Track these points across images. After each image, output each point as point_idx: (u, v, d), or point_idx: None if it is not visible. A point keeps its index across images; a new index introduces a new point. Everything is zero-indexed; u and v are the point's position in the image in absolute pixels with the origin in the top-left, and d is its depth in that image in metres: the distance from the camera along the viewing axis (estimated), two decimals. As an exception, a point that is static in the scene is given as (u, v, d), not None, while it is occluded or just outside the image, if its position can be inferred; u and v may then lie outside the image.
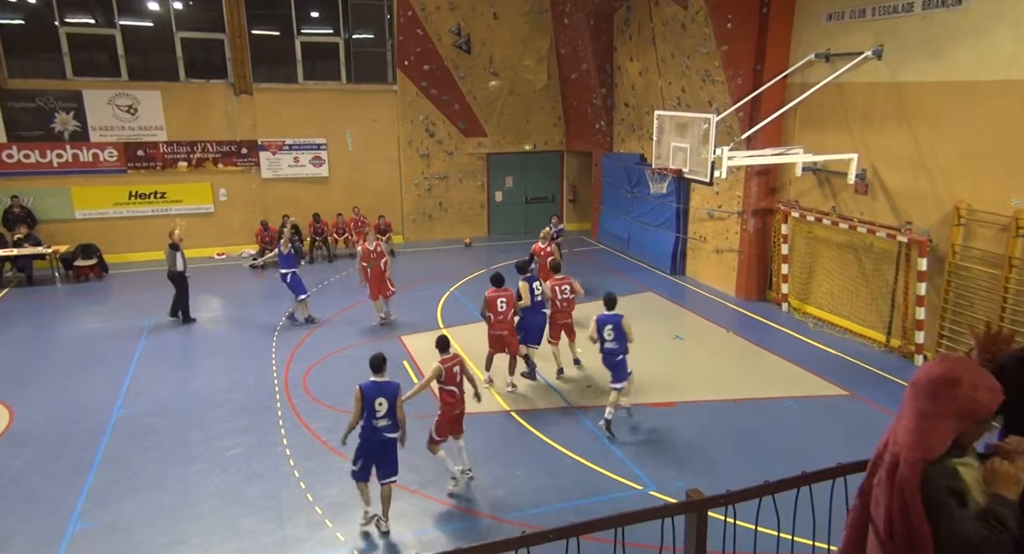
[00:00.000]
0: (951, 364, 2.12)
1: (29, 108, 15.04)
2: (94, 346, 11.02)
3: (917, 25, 9.88)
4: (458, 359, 7.04)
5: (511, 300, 9.18)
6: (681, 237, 15.16)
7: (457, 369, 7.00)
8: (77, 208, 15.76)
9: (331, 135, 17.32)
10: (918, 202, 10.14)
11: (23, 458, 7.71)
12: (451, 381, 6.99)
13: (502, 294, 9.20)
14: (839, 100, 11.23)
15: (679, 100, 14.45)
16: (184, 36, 15.92)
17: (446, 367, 6.94)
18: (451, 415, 7.05)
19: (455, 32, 17.44)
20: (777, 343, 11.21)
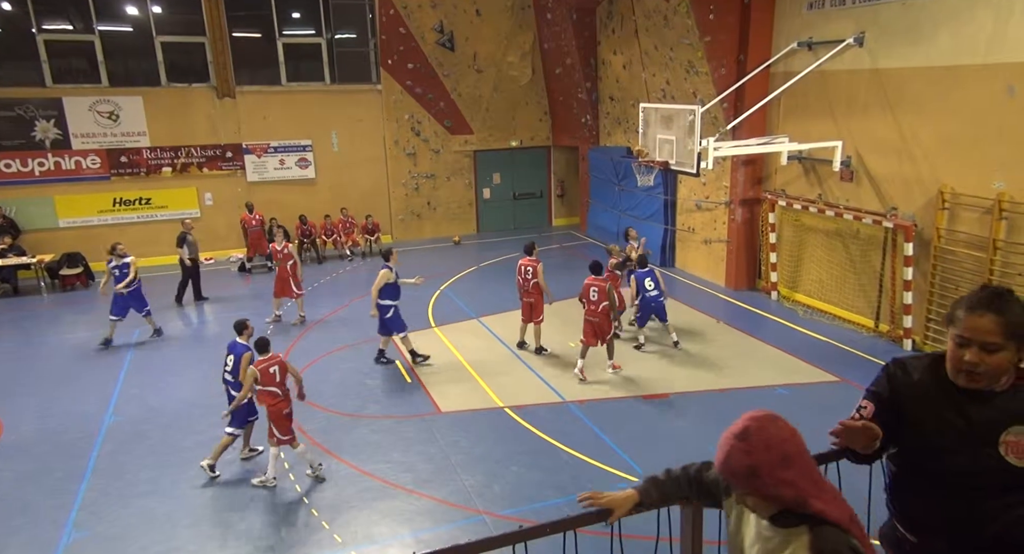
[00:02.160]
0: (749, 447, 1.84)
1: (9, 117, 14.85)
2: (83, 355, 10.92)
3: (897, 11, 9.94)
4: (276, 359, 7.10)
5: (603, 290, 9.34)
6: (670, 229, 15.20)
7: (275, 369, 7.05)
8: (61, 216, 15.59)
9: (316, 136, 17.23)
10: (903, 187, 10.22)
11: (14, 470, 7.63)
12: (270, 382, 7.03)
13: (596, 283, 9.37)
14: (822, 88, 11.29)
15: (664, 92, 14.48)
16: (164, 40, 15.76)
17: (261, 369, 6.99)
18: (280, 415, 7.05)
19: (438, 30, 17.38)
20: (767, 332, 11.28)
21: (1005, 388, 2.22)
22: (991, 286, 2.25)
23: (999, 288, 2.23)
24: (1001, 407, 2.20)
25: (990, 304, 2.16)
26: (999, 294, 2.19)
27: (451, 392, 9.25)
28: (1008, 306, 2.15)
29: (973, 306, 2.19)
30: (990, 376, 2.19)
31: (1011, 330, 2.14)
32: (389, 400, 9.09)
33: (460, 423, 8.44)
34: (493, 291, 13.80)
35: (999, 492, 2.20)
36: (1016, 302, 2.17)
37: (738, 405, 8.73)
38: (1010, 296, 2.19)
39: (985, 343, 2.15)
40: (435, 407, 8.81)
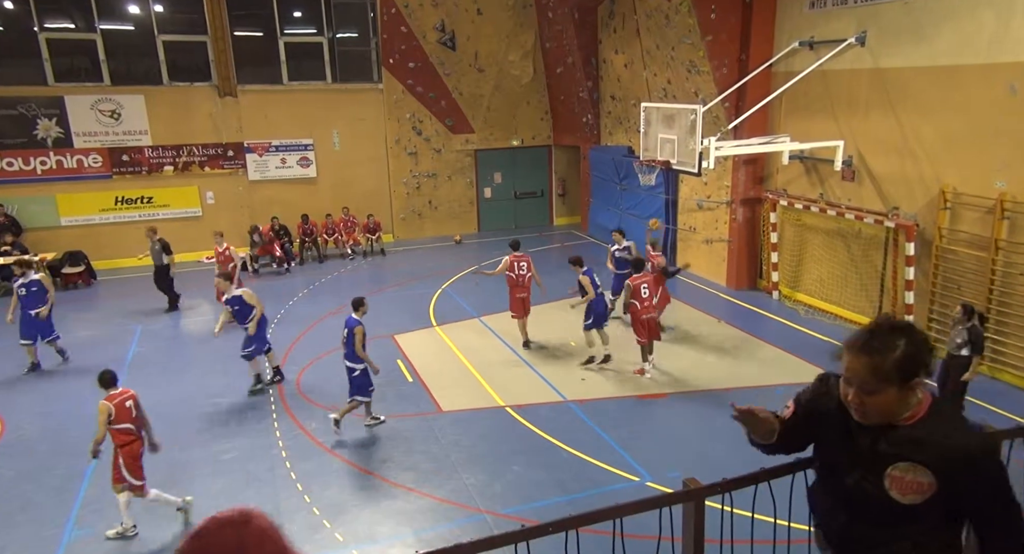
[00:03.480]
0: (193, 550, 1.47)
1: (11, 115, 14.86)
2: (84, 353, 10.93)
3: (899, 10, 9.93)
4: (129, 393, 6.41)
5: (652, 284, 9.39)
6: (671, 228, 15.19)
7: (130, 403, 6.36)
8: (63, 215, 15.61)
9: (318, 135, 17.23)
10: (904, 187, 10.21)
11: (16, 468, 7.65)
12: (125, 418, 6.29)
13: (644, 279, 9.35)
14: (824, 87, 11.28)
15: (665, 91, 14.47)
16: (166, 39, 15.76)
17: (116, 403, 6.27)
18: (133, 456, 6.33)
19: (439, 29, 17.37)
20: (768, 331, 11.27)
21: (908, 422, 2.09)
22: (881, 320, 2.10)
23: (886, 323, 2.07)
24: (894, 441, 2.09)
25: (866, 345, 2.04)
26: (879, 333, 2.04)
27: (452, 391, 9.26)
28: (886, 346, 2.00)
29: (850, 345, 2.08)
30: (875, 415, 2.09)
31: (886, 374, 2.00)
32: (390, 399, 9.09)
33: (461, 422, 8.45)
34: (494, 290, 13.79)
35: (889, 520, 2.15)
36: (900, 339, 2.01)
37: (738, 403, 8.73)
38: (891, 334, 2.03)
39: (861, 385, 2.05)
40: (436, 406, 8.82)
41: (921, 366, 2.04)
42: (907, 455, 2.06)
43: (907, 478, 2.06)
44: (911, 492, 2.07)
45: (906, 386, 2.03)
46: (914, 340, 2.03)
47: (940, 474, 2.03)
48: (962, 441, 2.04)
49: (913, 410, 2.08)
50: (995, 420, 7.88)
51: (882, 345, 2.02)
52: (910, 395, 2.06)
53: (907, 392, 2.05)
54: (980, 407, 8.32)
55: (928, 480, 2.04)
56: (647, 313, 9.38)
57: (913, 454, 2.05)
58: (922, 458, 2.04)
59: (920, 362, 2.03)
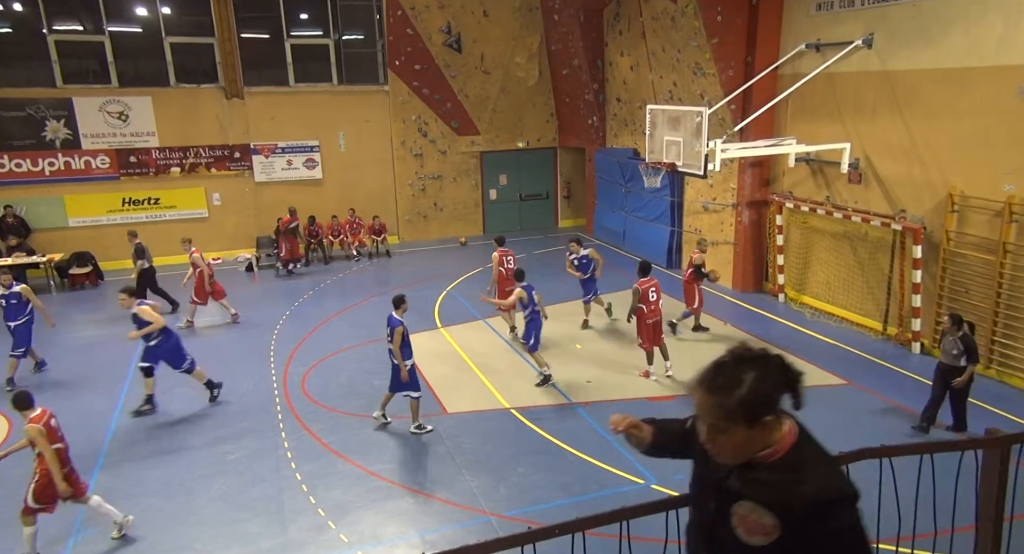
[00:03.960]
0: None
1: (19, 117, 14.95)
2: (91, 353, 10.98)
3: (907, 13, 9.90)
4: (48, 412, 6.11)
5: (659, 288, 9.37)
6: (676, 231, 15.18)
7: (55, 421, 6.12)
8: (70, 216, 15.69)
9: (324, 137, 17.28)
10: (912, 190, 10.17)
11: (24, 467, 7.65)
12: (55, 437, 6.03)
13: (651, 283, 9.33)
14: (830, 90, 11.25)
15: (671, 94, 14.46)
16: (173, 41, 15.84)
17: (44, 423, 5.95)
18: (49, 481, 5.95)
19: (445, 31, 17.40)
20: (775, 334, 11.24)
21: (765, 460, 1.91)
22: (731, 352, 1.91)
23: (734, 356, 1.89)
24: (744, 478, 1.93)
25: (710, 382, 1.88)
26: (725, 369, 1.88)
27: (457, 393, 9.26)
28: (731, 383, 1.84)
29: (697, 383, 1.92)
30: (727, 455, 1.94)
31: (731, 412, 1.84)
32: (396, 401, 9.08)
33: (466, 424, 8.45)
34: (499, 292, 13.80)
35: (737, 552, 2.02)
36: (748, 373, 1.84)
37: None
38: (738, 368, 1.86)
39: (710, 424, 1.90)
40: (441, 408, 8.82)
41: (772, 402, 1.86)
42: (752, 495, 1.90)
43: (751, 518, 1.91)
44: (756, 533, 1.91)
45: (757, 424, 1.85)
46: (764, 374, 1.85)
47: (784, 518, 1.86)
48: (812, 486, 1.85)
49: (774, 447, 1.90)
50: (1003, 424, 7.84)
51: (727, 382, 1.85)
52: (764, 433, 1.88)
53: (760, 430, 1.87)
54: (989, 412, 8.28)
55: (771, 522, 1.87)
56: (652, 317, 9.35)
57: (758, 494, 1.89)
58: (766, 500, 1.88)
59: (769, 398, 1.86)
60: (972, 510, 3.10)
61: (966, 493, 3.26)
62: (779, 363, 1.90)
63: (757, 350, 1.91)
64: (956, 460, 3.01)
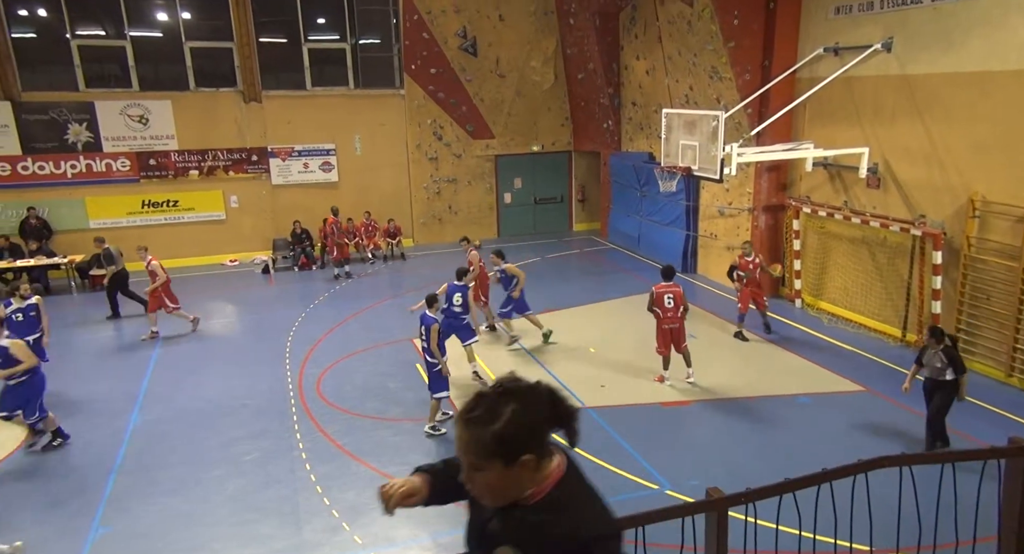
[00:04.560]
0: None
1: (43, 120, 15.22)
2: (111, 354, 11.13)
3: (927, 16, 9.80)
4: None
5: (679, 297, 9.22)
6: (691, 235, 15.10)
7: None
8: (91, 218, 15.92)
9: (340, 140, 17.41)
10: (932, 195, 10.04)
11: (46, 465, 7.80)
12: None
13: (670, 290, 9.23)
14: (849, 94, 11.16)
15: (687, 98, 14.40)
16: (193, 46, 16.06)
17: None
18: None
19: (461, 35, 17.48)
20: (791, 339, 11.14)
21: (529, 501, 1.74)
22: (499, 383, 1.74)
23: (499, 387, 1.72)
24: (506, 521, 1.77)
25: (468, 415, 1.70)
26: (486, 400, 1.70)
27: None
28: (490, 416, 1.66)
29: (457, 415, 1.74)
30: (487, 496, 1.77)
31: (486, 449, 1.66)
32: (410, 403, 9.12)
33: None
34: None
35: None
36: (509, 407, 1.66)
37: (759, 413, 8.65)
38: (500, 401, 1.68)
39: (468, 461, 1.72)
40: (455, 410, 8.82)
41: (534, 439, 1.68)
42: (511, 538, 1.75)
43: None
44: None
45: (516, 463, 1.66)
46: (527, 408, 1.67)
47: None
48: (571, 526, 1.71)
49: (538, 487, 1.73)
50: (1021, 431, 7.71)
51: (484, 415, 1.66)
52: (525, 473, 1.69)
53: (521, 470, 1.68)
54: (1011, 420, 8.15)
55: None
56: (669, 323, 9.27)
57: (517, 537, 1.73)
58: (525, 542, 1.72)
59: (531, 435, 1.67)
60: (994, 520, 3.05)
61: (989, 503, 3.21)
62: (548, 396, 1.72)
63: (524, 381, 1.73)
64: (978, 469, 2.96)
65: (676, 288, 9.31)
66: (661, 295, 9.26)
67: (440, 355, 8.15)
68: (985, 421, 8.21)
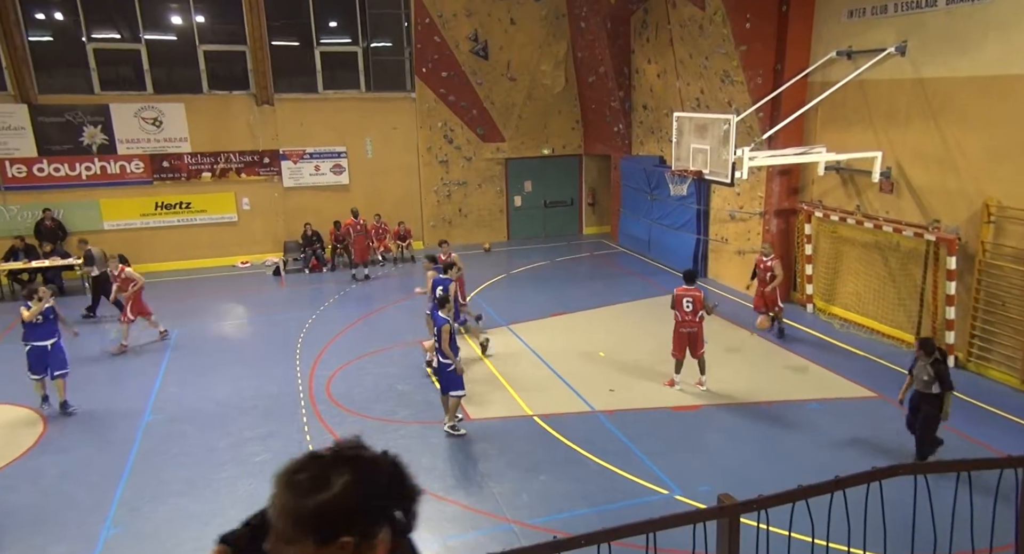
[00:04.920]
0: None
1: (59, 123, 15.39)
2: (124, 355, 11.21)
3: (942, 20, 9.72)
4: None
5: (698, 300, 9.14)
6: (702, 239, 15.04)
7: None
8: (105, 219, 16.07)
9: (351, 143, 17.49)
10: (946, 199, 9.95)
11: (58, 465, 7.86)
12: None
13: (689, 293, 9.18)
14: (862, 98, 11.08)
15: (698, 101, 14.37)
16: (207, 49, 16.19)
17: None
18: None
19: (472, 38, 17.52)
20: (802, 345, 11.06)
21: None
22: (337, 446, 1.47)
23: (337, 450, 1.45)
24: None
25: (291, 477, 1.41)
26: (318, 463, 1.42)
27: (480, 399, 9.26)
28: (316, 483, 1.37)
29: (278, 474, 1.44)
30: None
31: (302, 521, 1.37)
32: (419, 406, 9.13)
33: (489, 430, 8.45)
34: (523, 298, 13.82)
35: None
36: (342, 477, 1.38)
37: (770, 419, 8.59)
38: (334, 467, 1.40)
39: (277, 529, 1.42)
40: (464, 414, 8.83)
41: (361, 518, 1.40)
42: None
43: None
44: None
45: (333, 544, 1.38)
46: (364, 480, 1.40)
47: None
48: None
49: None
50: (1041, 442, 7.61)
51: (311, 481, 1.38)
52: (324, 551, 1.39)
53: (336, 552, 1.39)
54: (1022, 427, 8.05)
55: None
56: (686, 327, 9.20)
57: None
58: None
59: (359, 513, 1.39)
60: (1011, 528, 3.01)
61: (1006, 511, 3.17)
62: (390, 471, 1.47)
63: (368, 451, 1.47)
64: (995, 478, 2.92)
65: (697, 292, 9.24)
66: (680, 298, 9.20)
67: (453, 355, 8.15)
68: (999, 428, 8.12)
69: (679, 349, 9.33)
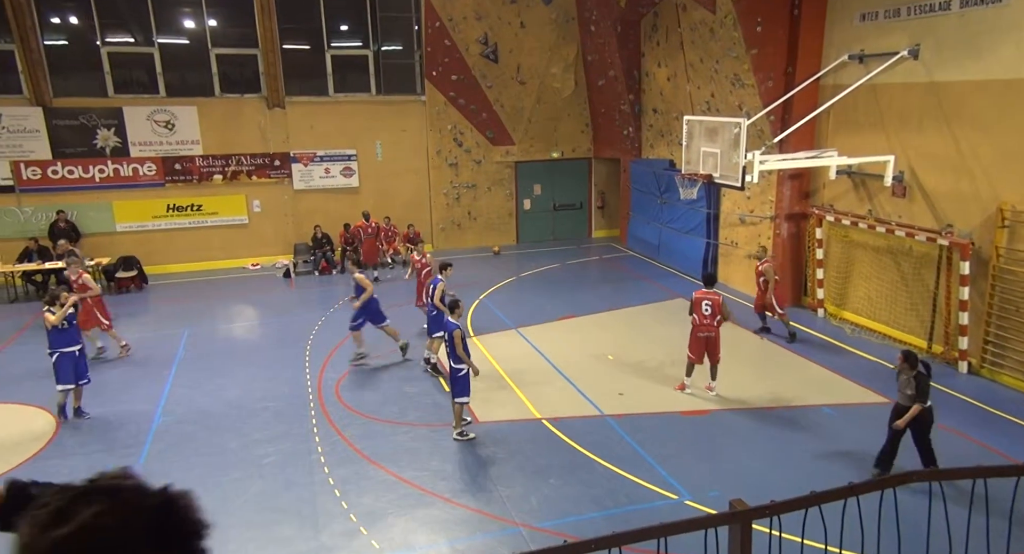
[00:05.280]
0: None
1: (73, 126, 15.55)
2: (135, 355, 11.28)
3: (955, 23, 9.66)
4: None
5: (716, 304, 9.08)
6: (712, 243, 14.98)
7: None
8: (118, 221, 16.21)
9: (361, 146, 17.56)
10: (959, 204, 9.87)
11: (70, 465, 7.92)
12: None
13: (708, 297, 9.12)
14: (874, 101, 11.02)
15: (708, 105, 14.33)
16: (219, 52, 16.32)
17: None
18: None
19: (482, 42, 17.57)
20: (813, 349, 10.99)
21: None
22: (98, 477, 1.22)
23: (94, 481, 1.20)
24: None
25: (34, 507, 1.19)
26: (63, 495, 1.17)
27: (489, 402, 9.25)
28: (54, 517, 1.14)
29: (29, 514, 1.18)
30: None
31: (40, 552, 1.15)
32: (428, 408, 9.14)
33: (498, 433, 8.44)
34: (532, 302, 13.81)
35: None
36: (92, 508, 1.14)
37: (780, 424, 8.53)
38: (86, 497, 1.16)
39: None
40: (473, 417, 8.82)
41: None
42: None
43: None
44: None
45: None
46: (117, 515, 1.16)
47: None
48: None
49: None
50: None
51: (52, 513, 1.16)
52: None
53: None
54: (1040, 435, 7.95)
55: None
56: (704, 331, 9.11)
57: None
58: None
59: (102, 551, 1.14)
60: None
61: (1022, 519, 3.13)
62: (160, 506, 1.23)
63: (133, 481, 1.25)
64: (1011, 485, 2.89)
65: (715, 296, 9.18)
66: (699, 301, 9.13)
67: (467, 358, 8.16)
68: (1013, 435, 8.03)
69: (697, 353, 9.25)
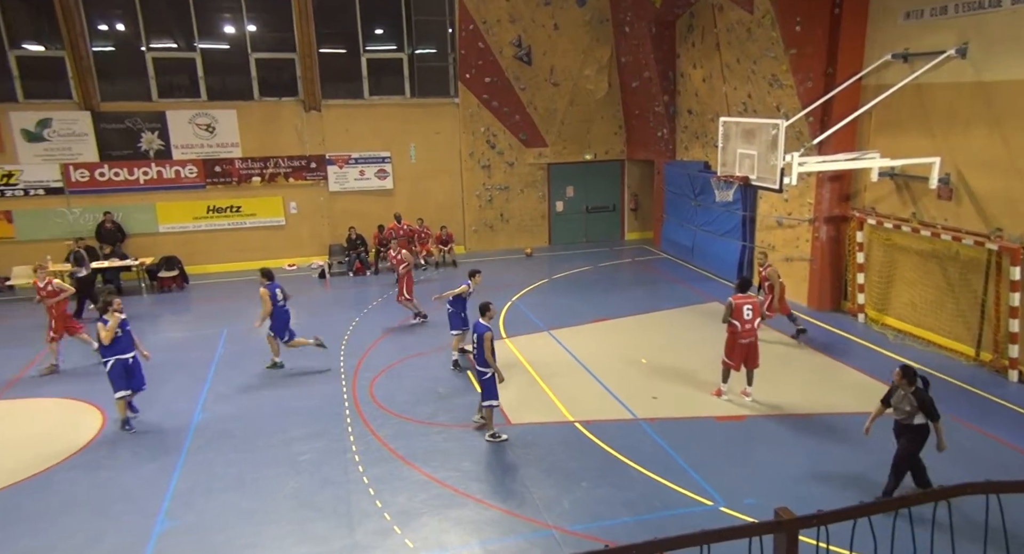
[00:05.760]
0: None
1: (119, 129, 16.04)
2: (176, 353, 11.58)
3: (1006, 20, 9.34)
4: None
5: (756, 308, 9.00)
6: (748, 246, 14.75)
7: None
8: (161, 222, 16.66)
9: (395, 148, 17.75)
10: (1009, 207, 9.54)
11: (116, 458, 8.16)
12: None
13: (748, 301, 9.00)
14: (919, 102, 10.72)
15: (745, 106, 14.12)
16: (258, 57, 16.67)
17: None
18: None
19: (516, 44, 17.60)
20: (853, 356, 10.73)
21: None
22: None
23: None
24: None
25: None
26: None
27: (521, 404, 9.25)
28: None
29: None
30: None
31: None
32: (460, 409, 9.17)
33: (530, 435, 8.43)
34: (564, 304, 13.77)
35: None
36: None
37: (819, 431, 8.34)
38: None
39: None
40: (505, 419, 8.83)
41: None
42: None
43: None
44: None
45: None
46: None
47: None
48: None
49: None
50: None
51: None
52: None
53: None
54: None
55: None
56: (746, 337, 8.92)
57: None
58: None
59: None
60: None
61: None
62: None
63: None
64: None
65: (754, 299, 9.04)
66: (740, 306, 8.91)
67: (493, 362, 8.16)
68: (1068, 448, 7.71)
69: (736, 360, 9.06)
